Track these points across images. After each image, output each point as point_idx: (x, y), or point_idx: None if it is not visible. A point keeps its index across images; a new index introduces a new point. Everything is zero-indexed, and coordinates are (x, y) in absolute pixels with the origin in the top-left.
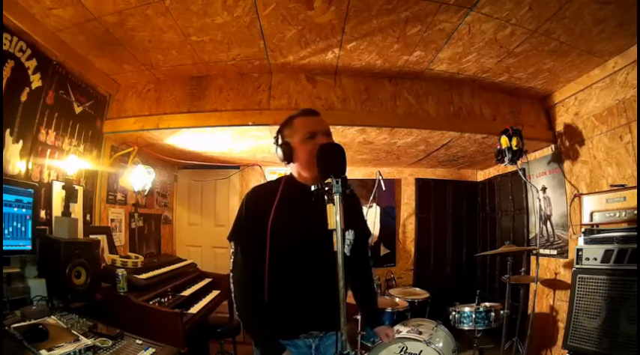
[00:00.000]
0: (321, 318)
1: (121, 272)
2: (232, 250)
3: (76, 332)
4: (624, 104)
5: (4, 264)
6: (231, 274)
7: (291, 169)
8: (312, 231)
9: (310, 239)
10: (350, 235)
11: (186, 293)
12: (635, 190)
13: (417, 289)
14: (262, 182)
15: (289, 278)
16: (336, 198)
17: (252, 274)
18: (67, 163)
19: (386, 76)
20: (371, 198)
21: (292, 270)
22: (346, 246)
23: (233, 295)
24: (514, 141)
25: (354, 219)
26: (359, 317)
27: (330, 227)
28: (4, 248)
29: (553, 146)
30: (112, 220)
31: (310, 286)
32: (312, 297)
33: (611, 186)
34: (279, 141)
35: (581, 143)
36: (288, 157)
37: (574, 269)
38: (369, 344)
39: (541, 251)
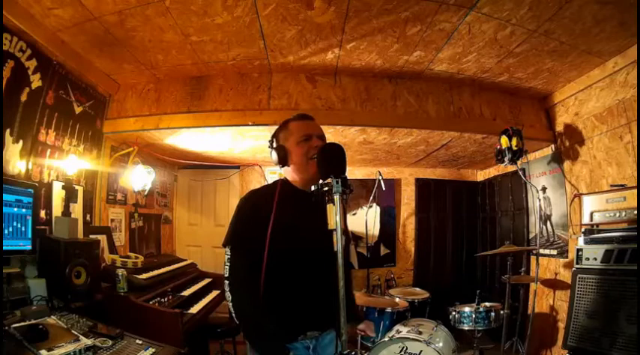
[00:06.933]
0: (319, 318)
1: (121, 272)
2: (228, 256)
3: (76, 332)
4: (624, 104)
5: (4, 264)
6: (226, 282)
7: (285, 173)
8: (308, 234)
9: (307, 241)
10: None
11: (186, 293)
12: (635, 190)
13: (417, 289)
14: (262, 183)
15: (287, 281)
16: (336, 198)
17: (251, 279)
18: (67, 163)
19: (386, 76)
20: (371, 198)
21: (290, 273)
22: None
23: (231, 302)
24: (514, 141)
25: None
26: None
27: (330, 227)
28: (4, 248)
29: (553, 146)
30: (112, 220)
31: (308, 287)
32: (310, 298)
33: (611, 186)
34: (275, 145)
35: (581, 143)
36: (283, 160)
37: (574, 269)
38: (369, 344)
39: (541, 251)
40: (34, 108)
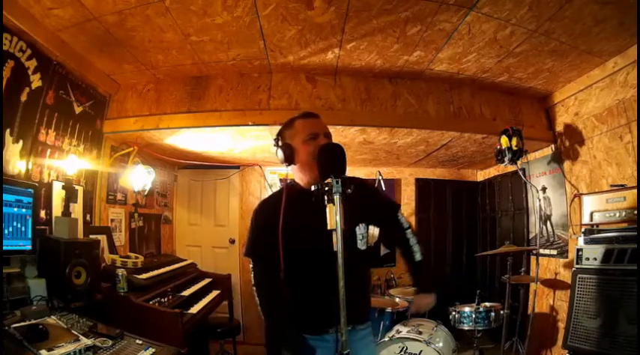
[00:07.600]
0: (347, 312)
1: (121, 272)
2: (251, 265)
3: (76, 332)
4: (624, 104)
5: (4, 264)
6: (254, 288)
7: (292, 171)
8: (322, 232)
9: (322, 239)
10: (362, 229)
11: (186, 293)
12: (635, 190)
13: None
14: (262, 182)
15: (306, 279)
16: (336, 198)
17: (275, 284)
18: (67, 163)
19: (386, 76)
20: None
21: (308, 271)
22: (359, 241)
23: (260, 307)
24: (514, 141)
25: (370, 208)
26: None
27: (329, 227)
28: (4, 248)
29: (553, 146)
30: (112, 220)
31: (327, 283)
32: (332, 293)
33: (611, 186)
34: (280, 143)
35: (581, 143)
36: (289, 159)
37: (574, 269)
38: None
39: (541, 251)
40: (34, 108)
